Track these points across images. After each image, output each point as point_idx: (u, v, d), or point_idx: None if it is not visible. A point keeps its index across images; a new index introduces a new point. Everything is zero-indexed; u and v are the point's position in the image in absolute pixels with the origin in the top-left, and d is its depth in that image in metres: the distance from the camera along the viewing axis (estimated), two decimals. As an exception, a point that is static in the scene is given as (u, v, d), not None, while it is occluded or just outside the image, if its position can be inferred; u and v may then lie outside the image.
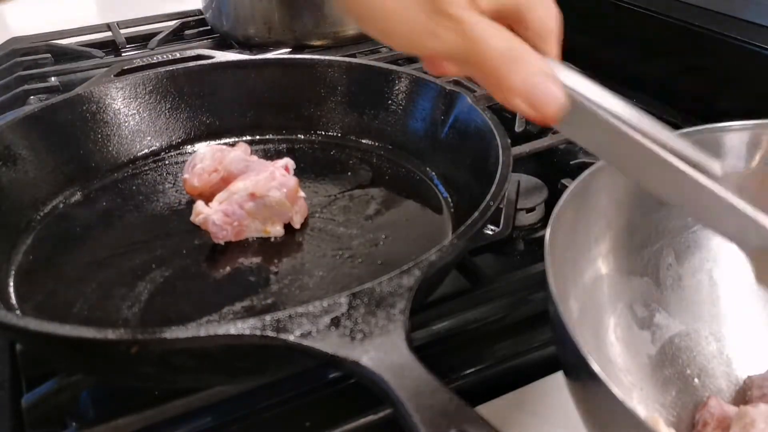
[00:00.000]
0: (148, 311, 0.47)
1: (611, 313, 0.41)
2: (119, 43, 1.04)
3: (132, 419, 0.40)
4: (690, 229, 0.45)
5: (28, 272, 0.51)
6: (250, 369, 0.40)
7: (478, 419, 0.28)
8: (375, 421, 0.42)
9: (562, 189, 0.50)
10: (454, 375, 0.45)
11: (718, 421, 0.38)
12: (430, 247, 0.39)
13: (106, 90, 0.63)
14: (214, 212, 0.52)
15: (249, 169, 0.56)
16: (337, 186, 0.60)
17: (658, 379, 0.41)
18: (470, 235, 0.41)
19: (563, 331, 0.31)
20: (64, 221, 0.56)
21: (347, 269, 0.50)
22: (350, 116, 0.67)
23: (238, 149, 0.59)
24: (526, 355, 0.47)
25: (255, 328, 0.33)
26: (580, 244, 0.41)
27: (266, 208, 0.52)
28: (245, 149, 0.59)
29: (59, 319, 0.36)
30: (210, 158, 0.57)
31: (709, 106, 0.71)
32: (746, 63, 0.67)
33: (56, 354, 0.41)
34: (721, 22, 0.69)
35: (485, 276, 0.51)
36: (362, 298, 0.34)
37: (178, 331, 0.33)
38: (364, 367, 0.31)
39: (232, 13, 0.96)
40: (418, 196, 0.59)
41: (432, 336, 0.46)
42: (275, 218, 0.53)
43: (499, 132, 0.51)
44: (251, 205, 0.52)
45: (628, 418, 0.27)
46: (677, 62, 0.75)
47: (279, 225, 0.54)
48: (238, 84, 0.68)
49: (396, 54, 0.92)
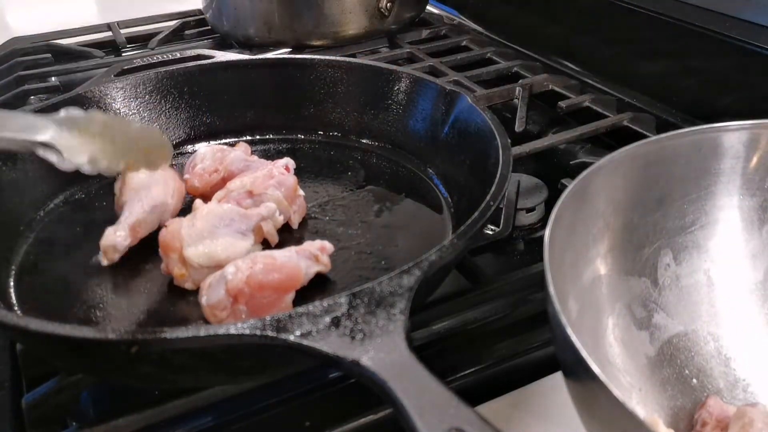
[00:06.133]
0: (148, 311, 0.47)
1: (610, 314, 0.42)
2: (119, 43, 1.04)
3: (132, 419, 0.40)
4: (688, 230, 0.45)
5: (28, 272, 0.51)
6: (250, 369, 0.40)
7: (478, 419, 0.28)
8: (375, 421, 0.42)
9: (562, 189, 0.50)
10: (454, 375, 0.45)
11: (717, 421, 0.38)
12: (430, 247, 0.39)
13: (106, 90, 0.63)
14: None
15: (249, 168, 0.56)
16: (337, 186, 0.60)
17: (657, 379, 0.41)
18: (470, 235, 0.41)
19: (562, 332, 0.31)
20: (65, 221, 0.56)
21: (347, 269, 0.50)
22: (350, 116, 0.67)
23: (239, 149, 0.59)
24: (525, 355, 0.47)
25: (255, 328, 0.33)
26: (579, 244, 0.41)
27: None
28: (245, 149, 0.59)
29: (59, 319, 0.36)
30: (210, 158, 0.57)
31: (709, 106, 0.71)
32: (746, 63, 0.67)
33: (56, 354, 0.41)
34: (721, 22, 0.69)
35: (485, 276, 0.51)
36: (362, 298, 0.34)
37: (178, 331, 0.33)
38: (364, 367, 0.31)
39: (232, 13, 0.96)
40: (418, 196, 0.59)
41: (432, 336, 0.46)
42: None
43: (499, 132, 0.51)
44: (249, 203, 0.52)
45: (628, 419, 0.27)
46: (677, 62, 0.75)
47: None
48: (238, 84, 0.68)
49: (396, 54, 0.92)
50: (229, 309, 0.43)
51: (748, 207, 0.45)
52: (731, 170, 0.44)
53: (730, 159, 0.44)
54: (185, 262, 0.47)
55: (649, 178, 0.43)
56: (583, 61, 0.86)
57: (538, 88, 0.80)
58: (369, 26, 0.95)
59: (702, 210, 0.45)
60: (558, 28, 0.92)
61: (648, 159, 0.43)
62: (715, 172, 0.44)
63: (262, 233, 0.51)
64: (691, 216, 0.45)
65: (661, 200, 0.44)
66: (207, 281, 0.45)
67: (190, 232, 0.47)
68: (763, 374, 0.42)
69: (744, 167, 0.44)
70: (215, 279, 0.44)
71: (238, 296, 0.43)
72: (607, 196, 0.42)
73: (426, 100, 0.62)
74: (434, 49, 0.95)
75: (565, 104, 0.75)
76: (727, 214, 0.45)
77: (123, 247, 0.51)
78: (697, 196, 0.45)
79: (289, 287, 0.45)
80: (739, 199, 0.45)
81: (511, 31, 0.99)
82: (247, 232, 0.49)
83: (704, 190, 0.45)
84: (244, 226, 0.49)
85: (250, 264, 0.44)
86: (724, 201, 0.45)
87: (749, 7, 0.67)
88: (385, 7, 0.95)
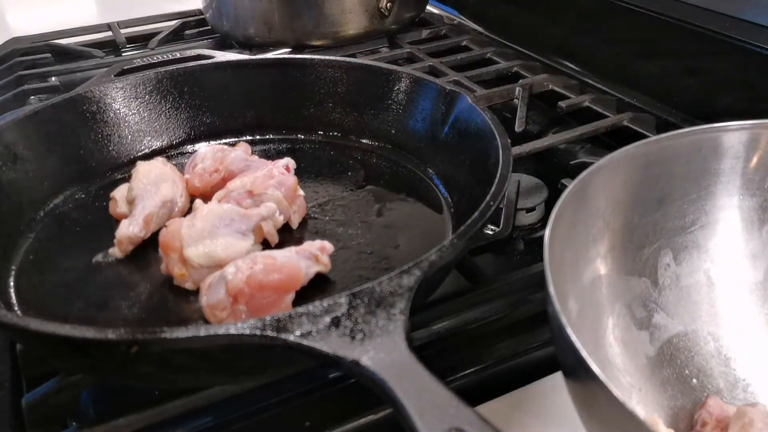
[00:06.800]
0: (148, 311, 0.47)
1: (610, 314, 0.42)
2: (119, 43, 1.04)
3: (132, 419, 0.40)
4: (688, 230, 0.45)
5: (28, 272, 0.51)
6: (250, 369, 0.40)
7: (478, 419, 0.28)
8: (375, 421, 0.42)
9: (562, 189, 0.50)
10: (454, 375, 0.45)
11: (717, 421, 0.38)
12: (430, 247, 0.39)
13: (106, 90, 0.63)
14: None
15: (249, 168, 0.56)
16: (337, 186, 0.60)
17: (657, 379, 0.41)
18: (470, 235, 0.41)
19: (562, 332, 0.31)
20: (64, 221, 0.56)
21: (347, 269, 0.50)
22: (350, 116, 0.67)
23: (239, 149, 0.59)
24: (525, 355, 0.47)
25: (255, 328, 0.33)
26: (579, 244, 0.41)
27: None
28: (246, 149, 0.59)
29: (59, 319, 0.36)
30: (211, 158, 0.57)
31: (709, 106, 0.71)
32: (746, 63, 0.67)
33: (56, 354, 0.41)
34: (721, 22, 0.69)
35: (485, 276, 0.51)
36: (362, 297, 0.34)
37: (178, 331, 0.33)
38: (364, 367, 0.31)
39: (232, 13, 0.96)
40: (418, 196, 0.59)
41: (432, 336, 0.46)
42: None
43: (499, 132, 0.51)
44: (249, 203, 0.52)
45: (628, 419, 0.27)
46: (677, 62, 0.75)
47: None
48: (238, 84, 0.68)
49: (396, 54, 0.92)
50: (229, 309, 0.43)
51: (748, 207, 0.45)
52: (731, 170, 0.44)
53: (730, 159, 0.44)
54: (185, 262, 0.47)
55: (649, 178, 0.43)
56: (583, 61, 0.86)
57: (538, 88, 0.80)
58: (369, 26, 0.96)
59: (702, 210, 0.45)
60: (558, 28, 0.92)
61: (648, 159, 0.43)
62: (715, 172, 0.44)
63: (262, 233, 0.51)
64: (691, 216, 0.45)
65: (661, 200, 0.44)
66: (207, 281, 0.45)
67: (190, 232, 0.47)
68: (763, 374, 0.42)
69: (744, 167, 0.44)
70: (215, 279, 0.44)
71: (238, 296, 0.43)
72: (607, 196, 0.42)
73: (426, 100, 0.62)
74: (434, 49, 0.95)
75: (565, 104, 0.75)
76: (727, 214, 0.45)
77: (138, 239, 0.51)
78: (697, 196, 0.45)
79: (289, 287, 0.45)
80: (739, 199, 0.45)
81: (511, 31, 0.99)
82: (247, 232, 0.50)
83: (704, 190, 0.45)
84: (244, 226, 0.49)
85: (250, 264, 0.44)
86: (724, 201, 0.45)
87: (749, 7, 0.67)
88: (385, 7, 0.95)
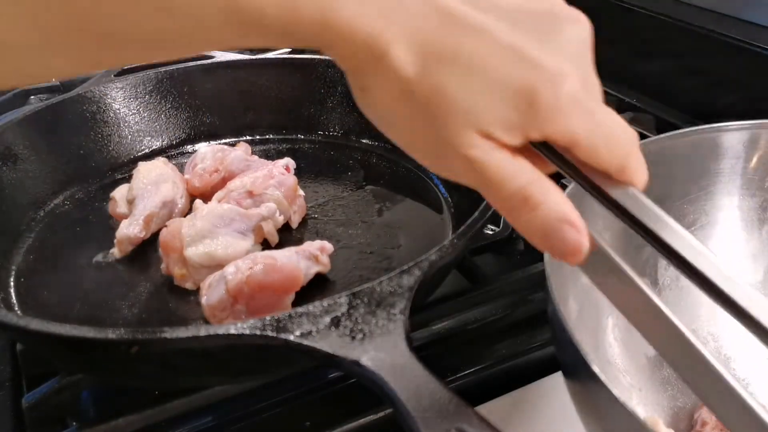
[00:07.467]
0: (148, 311, 0.47)
1: (610, 314, 0.41)
2: (119, 42, 1.03)
3: (132, 419, 0.40)
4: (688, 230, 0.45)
5: (28, 272, 0.51)
6: (250, 369, 0.40)
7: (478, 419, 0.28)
8: (375, 421, 0.42)
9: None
10: (454, 375, 0.45)
11: (717, 421, 0.38)
12: (430, 247, 0.39)
13: (106, 90, 0.63)
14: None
15: (249, 168, 0.56)
16: (337, 186, 0.60)
17: (657, 379, 0.41)
18: (470, 235, 0.41)
19: (562, 332, 0.31)
20: (65, 221, 0.56)
21: (347, 269, 0.50)
22: (350, 116, 0.67)
23: (239, 149, 0.59)
24: (525, 355, 0.47)
25: (255, 328, 0.33)
26: (580, 244, 0.41)
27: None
28: (246, 149, 0.59)
29: (59, 319, 0.36)
30: (211, 158, 0.57)
31: (709, 106, 0.71)
32: (746, 63, 0.67)
33: (57, 354, 0.41)
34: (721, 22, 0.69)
35: (485, 276, 0.51)
36: (362, 297, 0.34)
37: (178, 331, 0.33)
38: (364, 367, 0.31)
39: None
40: (418, 195, 0.59)
41: (432, 336, 0.46)
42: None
43: (498, 132, 0.51)
44: (249, 203, 0.52)
45: (628, 419, 0.27)
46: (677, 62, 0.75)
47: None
48: (238, 84, 0.68)
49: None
50: (229, 309, 0.43)
51: (748, 207, 0.45)
52: (731, 170, 0.44)
53: (730, 159, 0.44)
54: (185, 262, 0.47)
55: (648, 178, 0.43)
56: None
57: (538, 88, 0.80)
58: (369, 26, 0.95)
59: (702, 210, 0.45)
60: (558, 28, 0.92)
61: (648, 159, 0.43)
62: (715, 172, 0.44)
63: (262, 233, 0.51)
64: (691, 216, 0.45)
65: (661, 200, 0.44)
66: (207, 281, 0.45)
67: (191, 232, 0.47)
68: (763, 374, 0.42)
69: (744, 167, 0.44)
70: (215, 279, 0.44)
71: (238, 296, 0.43)
72: (607, 196, 0.42)
73: (426, 99, 0.62)
74: (434, 49, 0.95)
75: (565, 104, 0.75)
76: (727, 214, 0.45)
77: (138, 239, 0.51)
78: (697, 196, 0.45)
79: (289, 288, 0.45)
80: (739, 199, 0.45)
81: (511, 31, 0.98)
82: (247, 232, 0.50)
83: (704, 190, 0.45)
84: (244, 226, 0.49)
85: (250, 264, 0.44)
86: (724, 201, 0.45)
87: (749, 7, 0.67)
88: (385, 7, 0.94)
